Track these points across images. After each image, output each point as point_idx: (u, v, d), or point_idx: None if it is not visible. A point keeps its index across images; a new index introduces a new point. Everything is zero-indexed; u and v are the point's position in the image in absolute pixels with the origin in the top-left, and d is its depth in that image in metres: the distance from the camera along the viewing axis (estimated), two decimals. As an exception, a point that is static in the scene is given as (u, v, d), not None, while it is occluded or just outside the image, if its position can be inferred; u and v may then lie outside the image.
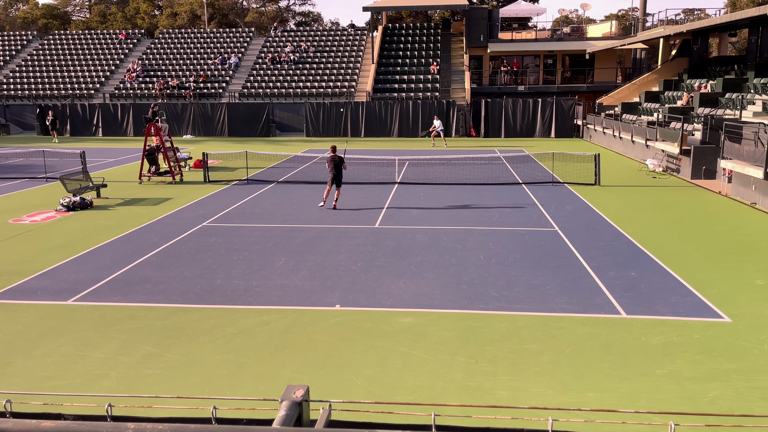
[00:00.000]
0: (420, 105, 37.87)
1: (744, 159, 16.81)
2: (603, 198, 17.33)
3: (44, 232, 13.73)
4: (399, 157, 23.30)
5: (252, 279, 10.23)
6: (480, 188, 19.03)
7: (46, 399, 6.22)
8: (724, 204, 16.57)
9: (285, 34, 48.59)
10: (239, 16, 72.86)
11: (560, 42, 44.45)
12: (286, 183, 20.38)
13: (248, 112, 39.04)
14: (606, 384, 6.60)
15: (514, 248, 12.02)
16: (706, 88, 28.17)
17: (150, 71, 44.51)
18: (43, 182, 21.00)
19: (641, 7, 48.00)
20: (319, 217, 15.02)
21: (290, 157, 26.81)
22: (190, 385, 6.64)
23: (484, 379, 6.73)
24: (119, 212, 15.92)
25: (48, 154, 25.82)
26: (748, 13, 23.85)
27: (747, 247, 12.07)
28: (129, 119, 40.04)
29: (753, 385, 6.54)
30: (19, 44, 49.72)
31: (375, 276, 10.34)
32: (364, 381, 6.72)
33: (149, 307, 8.99)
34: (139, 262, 11.30)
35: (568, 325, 8.17)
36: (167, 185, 20.27)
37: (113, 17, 75.91)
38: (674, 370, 6.90)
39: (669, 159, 22.59)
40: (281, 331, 8.10)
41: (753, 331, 7.97)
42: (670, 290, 9.53)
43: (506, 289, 9.61)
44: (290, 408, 1.63)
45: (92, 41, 49.25)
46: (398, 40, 45.79)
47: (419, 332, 8.00)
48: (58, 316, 8.66)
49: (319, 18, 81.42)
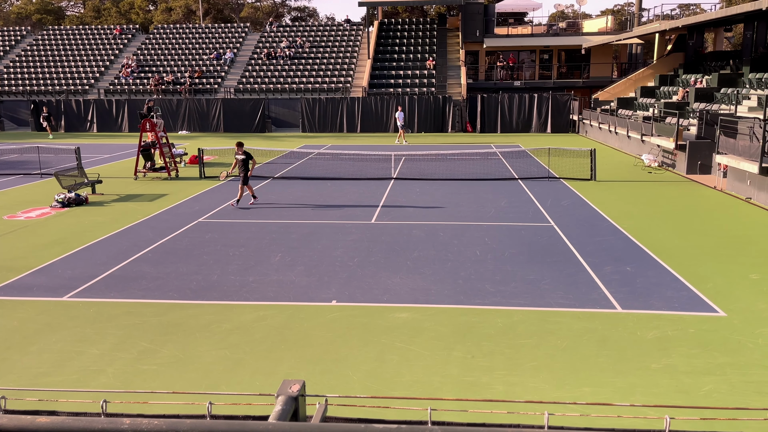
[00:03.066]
0: (416, 100, 37.82)
1: (739, 154, 16.85)
2: (599, 193, 17.36)
3: (39, 229, 13.68)
4: (395, 153, 23.28)
5: (248, 275, 10.21)
6: (476, 184, 19.03)
7: (41, 395, 6.20)
8: (719, 199, 16.62)
9: (280, 30, 48.44)
10: (234, 11, 72.58)
11: (556, 37, 44.42)
12: (282, 179, 20.35)
13: (244, 107, 38.92)
14: (602, 378, 6.62)
15: (511, 243, 12.03)
16: (701, 83, 28.21)
17: (145, 67, 44.33)
18: (37, 178, 20.91)
19: (637, 2, 48.01)
20: (315, 213, 15.01)
21: (286, 153, 26.76)
22: (187, 381, 6.64)
23: (480, 374, 6.74)
24: (114, 208, 15.87)
25: (43, 150, 25.71)
26: (743, 8, 23.87)
27: (742, 242, 12.11)
28: (124, 115, 39.89)
29: (748, 379, 6.57)
30: (13, 40, 49.44)
31: (371, 272, 10.34)
32: (361, 376, 6.73)
33: (145, 304, 8.97)
34: (135, 258, 11.27)
35: (564, 320, 8.19)
36: (163, 181, 20.22)
37: (108, 12, 75.53)
38: (670, 364, 6.92)
39: (664, 154, 22.63)
40: (278, 326, 8.09)
41: (748, 325, 8.00)
42: (666, 285, 9.56)
43: (502, 285, 9.62)
44: (286, 403, 1.63)
45: (87, 36, 49.01)
46: (394, 35, 45.69)
47: (416, 327, 8.00)
48: (53, 313, 8.63)
49: (315, 13, 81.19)
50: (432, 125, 37.96)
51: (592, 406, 5.53)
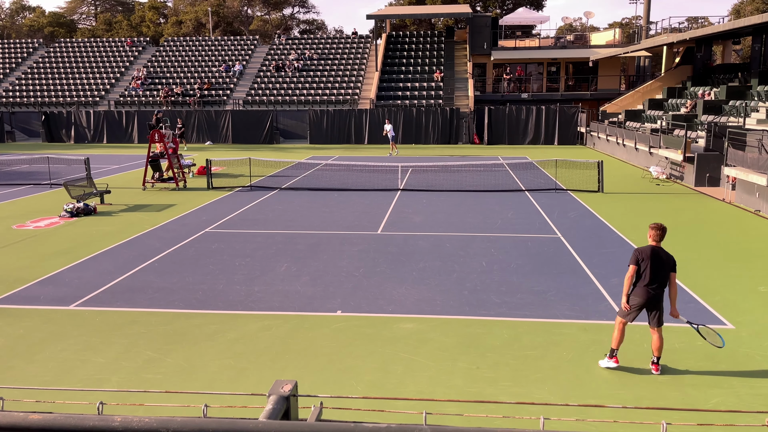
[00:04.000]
0: (423, 112, 37.92)
1: (748, 166, 16.77)
2: (606, 205, 17.30)
3: (47, 238, 13.77)
4: (402, 164, 23.32)
5: (254, 284, 10.23)
6: (483, 195, 19.02)
7: (39, 397, 6.21)
8: (727, 211, 16.52)
9: (289, 42, 48.80)
10: (244, 24, 73.24)
11: (564, 50, 44.51)
12: (289, 189, 20.41)
13: (252, 119, 39.17)
14: (608, 390, 6.57)
15: (517, 255, 11.99)
16: (709, 96, 28.15)
17: (155, 78, 44.74)
18: (47, 188, 21.08)
19: (645, 15, 48.08)
20: (322, 223, 15.03)
21: (293, 164, 26.86)
22: (191, 390, 6.63)
23: (485, 385, 6.70)
24: (122, 218, 15.96)
25: (53, 161, 25.93)
26: (751, 21, 23.85)
27: (751, 255, 12.02)
28: (134, 126, 40.22)
29: (756, 392, 6.50)
30: (26, 52, 50.06)
31: (377, 282, 10.32)
32: (365, 386, 6.70)
33: (151, 313, 8.99)
34: (142, 267, 11.31)
35: (570, 332, 8.14)
36: (171, 192, 20.33)
37: (119, 25, 76.40)
38: (676, 376, 6.86)
39: (672, 166, 22.54)
40: (282, 336, 8.09)
41: (756, 338, 7.93)
42: (673, 297, 9.48)
43: (508, 296, 9.58)
44: (277, 402, 1.62)
45: (98, 49, 49.55)
46: (402, 47, 45.92)
47: (420, 338, 7.97)
48: (59, 321, 8.67)
49: (323, 26, 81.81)
50: (439, 137, 38.02)
51: (586, 407, 5.48)
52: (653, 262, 6.85)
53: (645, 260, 6.88)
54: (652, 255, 6.90)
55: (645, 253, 6.94)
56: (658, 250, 6.98)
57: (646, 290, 6.84)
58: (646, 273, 6.86)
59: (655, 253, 6.92)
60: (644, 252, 6.95)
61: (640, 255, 6.95)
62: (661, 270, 6.86)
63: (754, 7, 57.32)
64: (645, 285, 6.86)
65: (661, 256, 6.92)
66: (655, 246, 7.02)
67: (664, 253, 6.97)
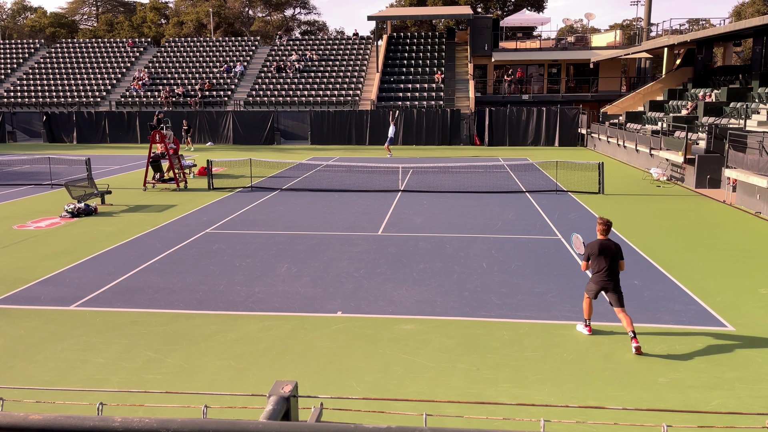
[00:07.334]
0: (424, 113, 37.94)
1: (748, 168, 16.76)
2: (607, 207, 17.30)
3: (48, 238, 13.78)
4: (403, 165, 23.33)
5: (254, 285, 10.23)
6: (483, 196, 19.02)
7: (39, 398, 6.22)
8: (728, 213, 16.51)
9: (290, 43, 48.84)
10: (245, 25, 73.30)
11: (564, 51, 44.52)
12: (290, 190, 20.42)
13: (253, 120, 39.19)
14: (608, 392, 6.57)
15: (517, 256, 11.99)
16: (710, 98, 28.15)
17: (156, 79, 44.78)
18: (48, 189, 21.09)
19: (645, 17, 48.12)
20: (322, 224, 15.03)
21: (294, 165, 26.87)
22: (191, 390, 6.63)
23: (485, 387, 6.70)
24: (123, 219, 15.97)
25: (54, 161, 25.96)
26: (752, 23, 23.86)
27: (751, 256, 12.01)
28: (135, 126, 40.25)
29: (756, 393, 6.50)
30: (27, 52, 50.11)
31: (377, 283, 10.32)
32: (365, 387, 6.70)
33: (151, 313, 9.00)
34: (142, 268, 11.32)
35: (571, 333, 8.14)
36: (171, 192, 20.34)
37: (120, 26, 76.49)
38: (677, 378, 6.85)
39: (673, 168, 22.54)
40: (283, 337, 8.09)
41: (757, 339, 7.92)
42: (674, 299, 9.49)
43: (509, 297, 9.58)
44: (277, 403, 1.62)
45: (99, 49, 49.60)
46: (403, 48, 45.94)
47: (421, 339, 7.97)
48: (60, 321, 8.67)
49: (324, 27, 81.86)
50: (440, 138, 38.03)
51: (585, 409, 5.48)
52: (602, 254, 7.69)
53: (594, 254, 7.72)
54: (601, 248, 7.71)
55: (594, 247, 7.75)
56: (606, 242, 7.77)
57: (599, 278, 7.72)
58: (598, 264, 7.71)
59: (603, 246, 7.72)
60: (593, 247, 7.76)
61: (590, 250, 7.77)
62: (611, 260, 7.68)
63: (755, 9, 57.34)
64: (597, 273, 7.74)
65: (610, 248, 7.72)
66: (603, 239, 7.81)
67: (611, 243, 7.78)
